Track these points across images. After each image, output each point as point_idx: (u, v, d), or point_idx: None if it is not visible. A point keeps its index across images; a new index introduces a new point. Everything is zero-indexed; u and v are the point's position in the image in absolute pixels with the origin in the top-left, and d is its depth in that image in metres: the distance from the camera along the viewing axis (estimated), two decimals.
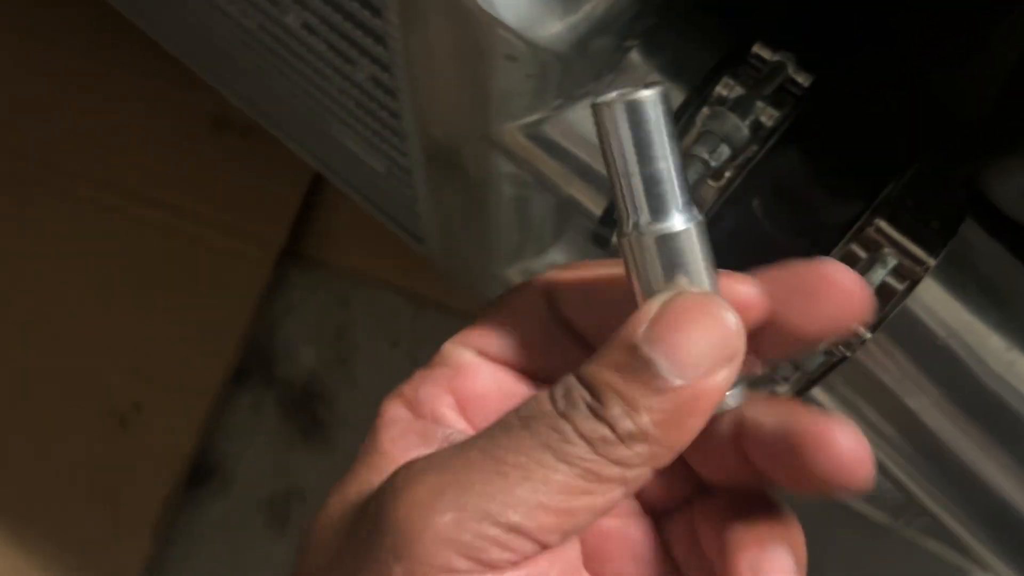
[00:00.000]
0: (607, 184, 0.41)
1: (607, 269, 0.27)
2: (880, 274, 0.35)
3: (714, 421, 0.25)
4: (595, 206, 0.42)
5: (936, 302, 0.37)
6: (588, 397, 0.23)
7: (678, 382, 0.23)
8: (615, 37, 0.39)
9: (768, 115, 0.36)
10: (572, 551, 0.26)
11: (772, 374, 0.37)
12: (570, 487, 0.23)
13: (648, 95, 0.24)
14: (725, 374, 0.23)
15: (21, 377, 0.90)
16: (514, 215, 0.54)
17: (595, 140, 0.29)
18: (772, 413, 0.25)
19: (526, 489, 0.23)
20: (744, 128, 0.35)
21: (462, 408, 0.28)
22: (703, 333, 0.23)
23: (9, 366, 0.90)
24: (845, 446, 0.24)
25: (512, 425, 0.24)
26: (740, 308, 0.24)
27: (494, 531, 0.23)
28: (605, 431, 0.23)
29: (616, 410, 0.23)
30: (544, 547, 0.23)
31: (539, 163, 0.42)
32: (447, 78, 0.42)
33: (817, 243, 0.37)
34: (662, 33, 0.40)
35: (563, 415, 0.23)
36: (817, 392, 0.40)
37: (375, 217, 0.73)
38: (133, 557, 0.86)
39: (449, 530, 0.23)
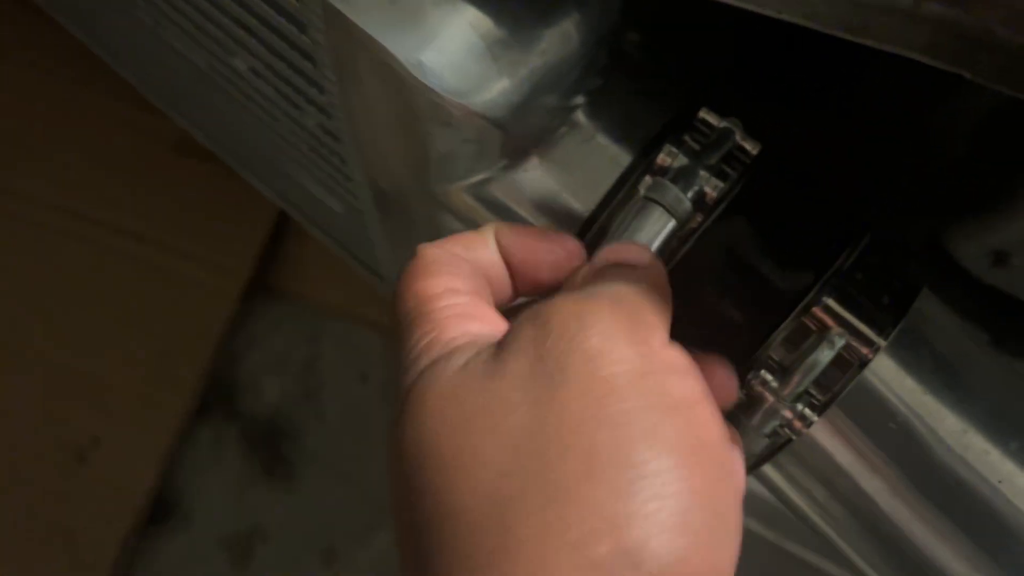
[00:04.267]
0: None
1: None
2: (827, 355, 0.34)
3: None
4: None
5: (891, 381, 0.36)
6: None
7: None
8: (559, 97, 0.37)
9: (712, 186, 0.34)
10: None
11: None
12: None
13: None
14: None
15: None
16: None
17: (544, 201, 0.38)
18: None
19: None
20: (686, 200, 0.34)
21: None
22: None
23: None
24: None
25: None
26: None
27: None
28: None
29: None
30: None
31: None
32: (386, 135, 0.40)
33: (767, 314, 0.36)
34: (610, 92, 0.39)
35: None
36: (768, 470, 0.38)
37: (337, 253, 0.72)
38: None
39: None
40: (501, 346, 0.27)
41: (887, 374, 0.36)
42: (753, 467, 0.37)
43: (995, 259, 0.44)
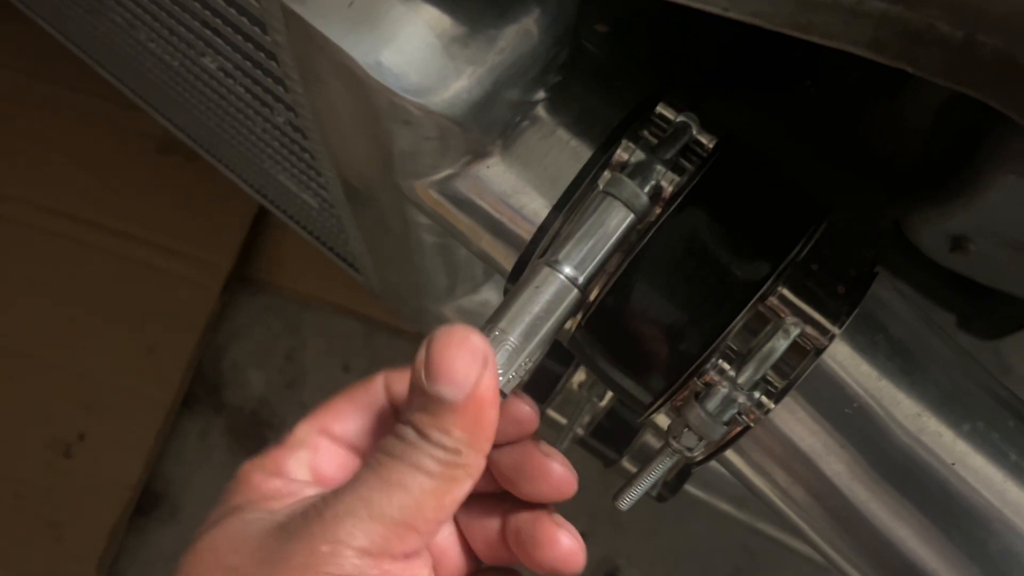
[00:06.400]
0: (517, 240, 0.40)
1: None
2: (783, 344, 0.34)
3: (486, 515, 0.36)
4: (506, 261, 0.41)
5: (848, 366, 0.36)
6: (415, 435, 0.31)
7: (460, 397, 0.30)
8: (520, 93, 0.38)
9: (668, 180, 0.35)
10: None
11: (678, 446, 0.36)
12: (438, 490, 0.31)
13: None
14: (487, 377, 0.31)
15: None
16: (439, 259, 0.53)
17: (507, 195, 0.39)
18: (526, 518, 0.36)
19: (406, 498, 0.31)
20: (643, 195, 0.34)
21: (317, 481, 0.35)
22: (456, 354, 0.31)
23: None
24: (564, 543, 0.35)
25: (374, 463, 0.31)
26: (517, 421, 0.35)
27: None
28: (440, 453, 0.31)
29: (437, 436, 0.31)
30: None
31: (450, 218, 0.41)
32: (350, 132, 0.41)
33: (725, 304, 0.36)
34: (571, 87, 0.39)
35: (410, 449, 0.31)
36: (729, 455, 0.39)
37: (315, 247, 0.72)
38: None
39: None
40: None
41: (844, 360, 0.36)
42: (712, 455, 0.37)
43: (953, 244, 0.45)
